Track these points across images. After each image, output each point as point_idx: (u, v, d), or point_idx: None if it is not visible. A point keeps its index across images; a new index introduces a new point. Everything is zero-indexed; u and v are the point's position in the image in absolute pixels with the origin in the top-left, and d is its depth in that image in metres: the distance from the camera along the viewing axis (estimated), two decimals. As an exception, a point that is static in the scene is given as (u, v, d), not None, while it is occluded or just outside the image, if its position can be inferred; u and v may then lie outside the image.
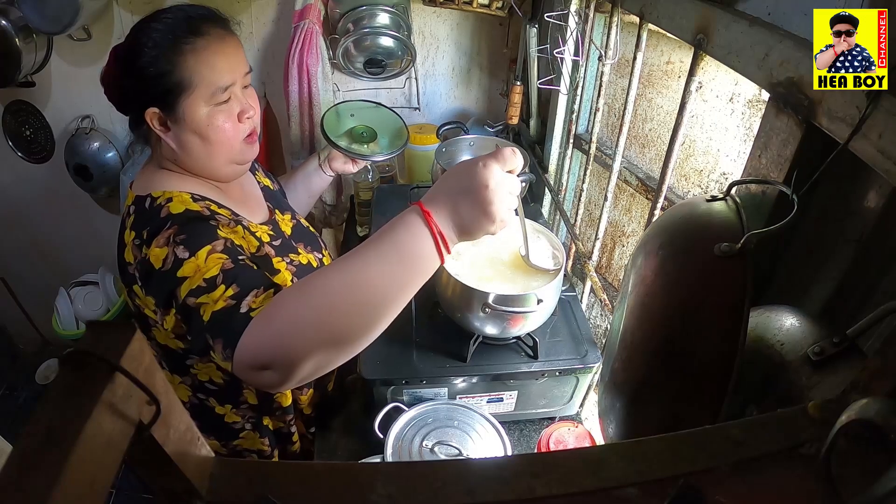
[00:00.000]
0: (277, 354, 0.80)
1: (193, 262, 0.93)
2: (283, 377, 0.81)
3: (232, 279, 0.91)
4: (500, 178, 0.80)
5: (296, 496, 0.45)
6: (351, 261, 0.80)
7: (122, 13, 2.02)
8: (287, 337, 0.80)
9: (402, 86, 2.24)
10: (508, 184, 0.81)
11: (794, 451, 0.48)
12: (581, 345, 1.28)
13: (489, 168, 0.79)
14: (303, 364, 0.79)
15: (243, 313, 0.86)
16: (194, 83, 1.04)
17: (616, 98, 1.63)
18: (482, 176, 0.78)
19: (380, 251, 0.79)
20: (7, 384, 2.93)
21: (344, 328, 0.80)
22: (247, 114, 1.12)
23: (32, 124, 2.29)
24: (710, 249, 0.72)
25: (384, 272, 0.79)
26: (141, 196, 1.07)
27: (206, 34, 1.05)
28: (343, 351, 0.82)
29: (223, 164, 1.14)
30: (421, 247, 0.79)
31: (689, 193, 1.37)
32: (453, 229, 0.80)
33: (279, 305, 0.83)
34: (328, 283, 0.80)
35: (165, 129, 1.08)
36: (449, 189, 0.80)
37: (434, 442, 1.13)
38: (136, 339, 0.38)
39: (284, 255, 1.20)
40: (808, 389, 0.64)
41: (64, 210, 2.55)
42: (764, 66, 0.78)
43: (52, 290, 2.49)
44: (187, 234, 0.96)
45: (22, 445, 0.32)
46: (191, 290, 0.91)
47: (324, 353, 0.81)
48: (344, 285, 0.79)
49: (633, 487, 0.46)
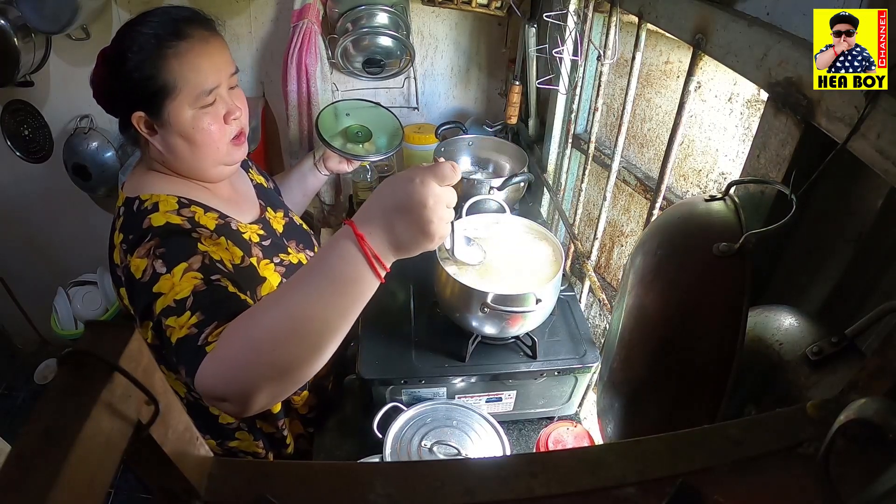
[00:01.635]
0: (229, 389, 0.81)
1: (169, 280, 0.94)
2: (240, 409, 0.82)
3: (198, 306, 0.91)
4: (439, 194, 0.77)
5: (294, 496, 0.45)
6: (290, 293, 0.80)
7: (121, 12, 2.01)
8: (236, 373, 0.80)
9: (401, 85, 2.24)
10: (446, 198, 0.79)
11: (793, 451, 0.48)
12: (580, 344, 1.28)
13: (427, 186, 0.76)
14: (256, 396, 0.80)
15: (200, 346, 0.87)
16: (178, 87, 1.04)
17: (615, 98, 1.63)
18: (420, 195, 0.76)
19: (316, 282, 0.79)
20: (5, 384, 2.92)
21: (290, 360, 0.80)
22: (233, 115, 1.12)
23: (31, 124, 2.28)
24: (708, 249, 0.72)
25: (323, 302, 0.78)
26: (130, 198, 1.08)
27: (190, 37, 1.05)
28: (293, 379, 0.82)
29: (210, 166, 1.15)
30: (357, 272, 0.78)
31: (688, 193, 1.37)
32: (389, 248, 0.79)
33: (226, 343, 0.84)
34: (270, 319, 0.80)
35: (152, 132, 1.09)
36: (384, 207, 0.78)
37: (433, 442, 1.13)
38: (135, 338, 0.38)
39: (274, 256, 1.21)
40: (807, 389, 0.64)
41: (62, 210, 2.54)
42: (762, 65, 0.78)
43: (50, 290, 2.48)
44: (166, 247, 0.97)
45: (21, 445, 0.32)
46: (163, 309, 0.93)
47: (275, 384, 0.81)
48: (285, 319, 0.78)
49: (631, 487, 0.46)
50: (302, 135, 2.02)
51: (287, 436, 1.31)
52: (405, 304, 1.39)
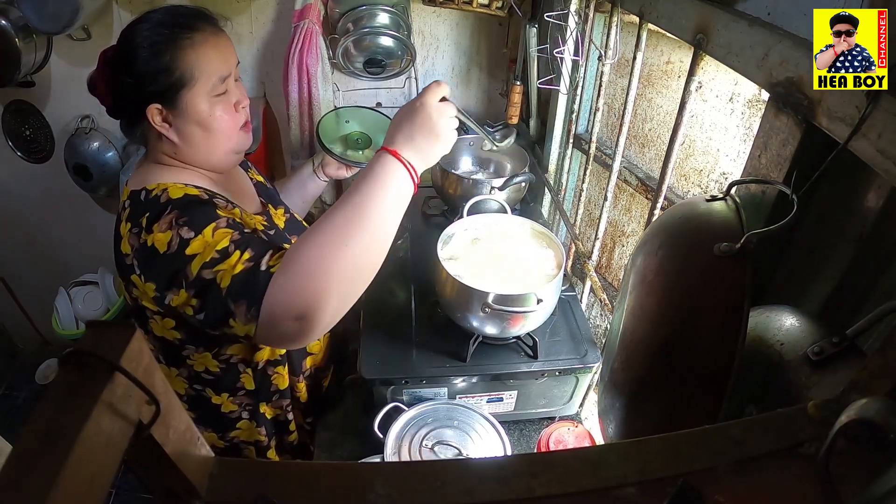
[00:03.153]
0: (304, 299, 0.89)
1: (201, 240, 0.97)
2: (310, 323, 0.90)
3: (245, 246, 0.97)
4: (439, 106, 0.98)
5: (295, 496, 0.45)
6: (348, 202, 0.94)
7: (122, 13, 2.01)
8: (311, 279, 0.90)
9: (402, 86, 2.24)
10: (447, 109, 0.99)
11: (794, 451, 0.48)
12: (581, 344, 1.28)
13: (427, 103, 0.98)
14: (327, 303, 0.90)
15: (263, 271, 0.93)
16: (195, 77, 1.07)
17: (616, 98, 1.63)
18: (425, 111, 0.97)
19: (370, 189, 0.94)
20: (6, 384, 2.92)
21: (357, 258, 0.92)
22: (242, 104, 1.17)
23: (32, 124, 2.28)
24: (709, 249, 0.72)
25: (377, 205, 0.94)
26: (136, 190, 1.09)
27: (202, 29, 1.08)
28: (357, 283, 0.94)
29: (223, 153, 1.17)
30: (399, 180, 0.96)
31: (689, 193, 1.37)
32: (416, 157, 0.98)
33: (296, 254, 0.92)
34: (335, 224, 0.92)
35: (167, 125, 1.10)
36: (403, 129, 0.98)
37: (434, 442, 1.13)
38: (136, 338, 0.38)
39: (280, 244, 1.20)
40: (808, 389, 0.64)
41: (63, 210, 2.54)
42: (763, 65, 0.78)
43: (51, 290, 2.49)
44: (189, 215, 1.00)
45: (21, 445, 0.32)
46: (204, 263, 0.95)
47: (343, 288, 0.92)
48: (348, 221, 0.92)
49: (632, 487, 0.46)
50: (303, 135, 2.02)
51: (291, 420, 1.32)
52: (406, 304, 1.39)
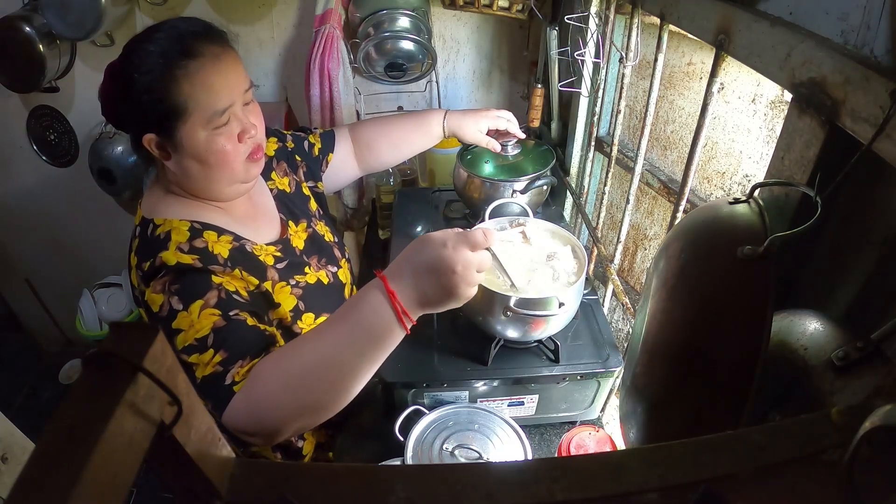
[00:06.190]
0: (260, 426, 0.89)
1: (187, 317, 0.96)
2: (266, 442, 0.92)
3: (221, 343, 0.94)
4: (469, 260, 0.84)
5: (315, 497, 0.46)
6: (321, 339, 0.89)
7: (145, 19, 2.05)
8: (266, 412, 0.88)
9: (423, 89, 2.25)
10: (477, 263, 0.85)
11: (817, 458, 0.48)
12: (602, 349, 1.28)
13: (458, 252, 0.83)
14: (284, 432, 0.89)
15: (227, 385, 0.91)
16: (189, 109, 0.99)
17: (637, 100, 1.62)
18: (451, 260, 0.83)
19: (348, 330, 0.87)
20: (30, 384, 2.98)
21: (318, 400, 0.88)
22: (248, 133, 1.07)
23: (57, 129, 2.33)
24: (732, 252, 0.72)
25: (353, 349, 0.87)
26: (146, 219, 1.06)
27: (200, 55, 0.99)
28: (320, 417, 0.90)
29: (226, 186, 1.11)
30: (386, 325, 0.86)
31: (712, 196, 1.36)
32: (416, 305, 0.86)
33: (257, 383, 0.90)
34: (302, 362, 0.88)
35: (166, 155, 1.05)
36: (414, 267, 0.85)
37: (454, 445, 1.13)
38: (159, 340, 0.39)
39: (290, 278, 1.17)
40: (832, 395, 0.63)
41: (88, 213, 2.60)
42: (786, 66, 0.77)
43: (75, 292, 2.54)
44: (181, 284, 0.98)
45: (44, 444, 0.33)
46: (184, 347, 0.95)
47: (303, 421, 0.90)
48: (316, 363, 0.87)
49: (653, 493, 0.46)
50: (324, 139, 2.03)
51: (301, 447, 1.29)
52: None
